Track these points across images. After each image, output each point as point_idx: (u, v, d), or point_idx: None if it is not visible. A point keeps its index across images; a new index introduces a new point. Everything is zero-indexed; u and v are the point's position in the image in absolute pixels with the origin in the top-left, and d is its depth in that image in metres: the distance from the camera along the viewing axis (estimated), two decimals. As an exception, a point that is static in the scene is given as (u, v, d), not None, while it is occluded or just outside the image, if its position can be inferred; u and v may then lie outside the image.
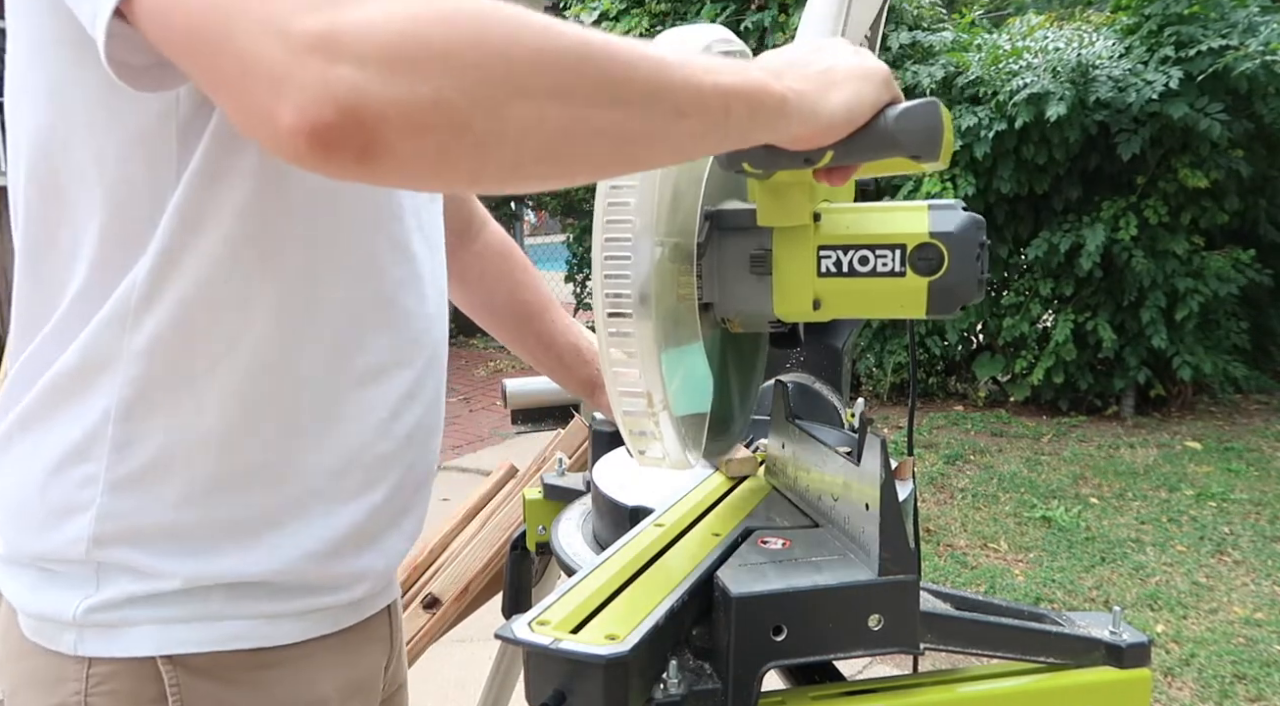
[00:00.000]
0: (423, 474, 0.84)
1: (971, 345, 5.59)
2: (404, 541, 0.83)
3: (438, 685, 2.59)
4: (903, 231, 0.68)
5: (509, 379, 1.44)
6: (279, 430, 0.72)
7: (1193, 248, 4.86)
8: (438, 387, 0.85)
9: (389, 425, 0.78)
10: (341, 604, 0.78)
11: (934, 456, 4.56)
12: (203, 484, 0.70)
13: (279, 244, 0.68)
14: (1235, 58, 4.35)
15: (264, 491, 0.72)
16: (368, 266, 0.74)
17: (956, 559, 3.43)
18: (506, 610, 1.16)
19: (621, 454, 0.99)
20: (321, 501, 0.74)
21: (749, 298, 0.73)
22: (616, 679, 0.54)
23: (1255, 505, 3.89)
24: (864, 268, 0.69)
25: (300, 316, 0.71)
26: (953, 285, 0.67)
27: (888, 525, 0.63)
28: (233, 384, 0.69)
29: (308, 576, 0.74)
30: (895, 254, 0.68)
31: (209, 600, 0.71)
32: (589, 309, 7.51)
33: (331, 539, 0.75)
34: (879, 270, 0.69)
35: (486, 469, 4.38)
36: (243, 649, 0.72)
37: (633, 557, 0.68)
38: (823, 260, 0.70)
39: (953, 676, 0.69)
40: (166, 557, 0.69)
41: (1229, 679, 2.61)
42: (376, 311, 0.76)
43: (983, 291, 0.71)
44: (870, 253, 0.69)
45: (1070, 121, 4.65)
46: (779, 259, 0.71)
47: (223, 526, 0.71)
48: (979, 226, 0.68)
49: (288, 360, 0.71)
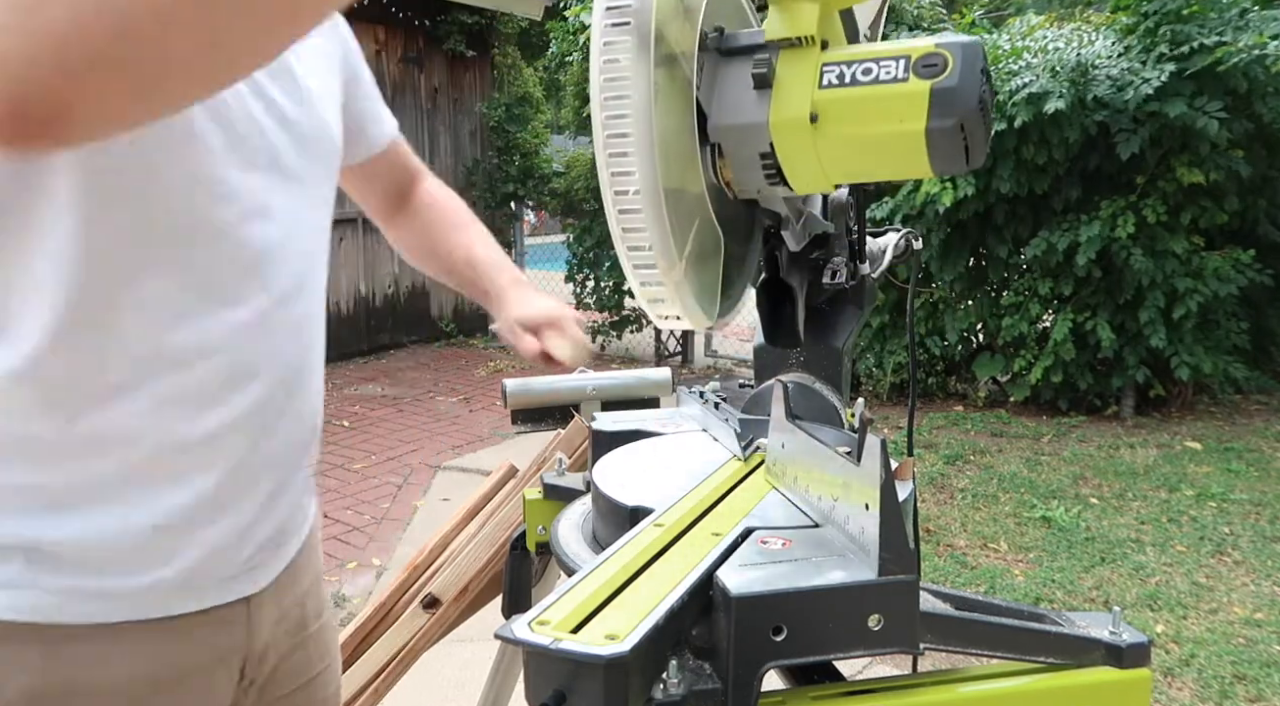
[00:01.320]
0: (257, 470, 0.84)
1: (971, 345, 5.59)
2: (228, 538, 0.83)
3: (438, 685, 2.59)
4: (909, 45, 0.68)
5: (509, 379, 1.44)
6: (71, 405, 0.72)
7: (1192, 247, 4.86)
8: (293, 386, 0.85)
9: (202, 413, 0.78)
10: (142, 589, 0.78)
11: (934, 456, 4.56)
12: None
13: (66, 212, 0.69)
14: (1226, 53, 4.35)
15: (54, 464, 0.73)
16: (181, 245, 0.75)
17: (956, 559, 3.43)
18: (506, 610, 1.16)
19: (621, 454, 0.99)
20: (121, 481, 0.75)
21: (746, 109, 0.72)
22: (616, 679, 0.53)
23: (1255, 505, 3.89)
24: (866, 77, 0.68)
25: (99, 297, 0.71)
26: (956, 90, 0.66)
27: (888, 525, 0.63)
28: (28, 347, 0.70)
29: (104, 555, 0.75)
30: (899, 63, 0.68)
31: (10, 563, 0.72)
32: (589, 309, 7.51)
33: (137, 523, 0.76)
34: (881, 78, 0.68)
35: (486, 469, 4.38)
36: (35, 622, 0.73)
37: (633, 557, 0.68)
38: (825, 74, 0.69)
39: (953, 676, 0.69)
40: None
41: (1229, 679, 2.61)
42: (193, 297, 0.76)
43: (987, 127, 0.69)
44: (874, 64, 0.68)
45: (1070, 121, 4.65)
46: (781, 73, 0.70)
47: (18, 491, 0.72)
48: (983, 50, 0.68)
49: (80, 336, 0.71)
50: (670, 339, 7.24)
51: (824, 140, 0.70)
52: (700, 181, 0.74)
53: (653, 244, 0.68)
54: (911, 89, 0.67)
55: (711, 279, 0.77)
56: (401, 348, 7.85)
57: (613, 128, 0.66)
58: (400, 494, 4.31)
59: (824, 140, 0.70)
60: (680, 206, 0.70)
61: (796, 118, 0.69)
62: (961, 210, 5.00)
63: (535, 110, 8.50)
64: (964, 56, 0.67)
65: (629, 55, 0.65)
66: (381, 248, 7.67)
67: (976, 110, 0.67)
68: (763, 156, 0.74)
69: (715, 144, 0.75)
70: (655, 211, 0.67)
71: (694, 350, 7.26)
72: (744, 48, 0.73)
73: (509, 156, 8.26)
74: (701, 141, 0.74)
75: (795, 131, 0.70)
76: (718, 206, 0.76)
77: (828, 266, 0.92)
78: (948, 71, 0.66)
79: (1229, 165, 4.72)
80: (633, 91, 0.65)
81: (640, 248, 0.69)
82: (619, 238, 0.69)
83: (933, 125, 0.67)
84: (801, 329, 0.90)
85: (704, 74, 0.73)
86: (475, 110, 8.33)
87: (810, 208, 0.89)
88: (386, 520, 3.99)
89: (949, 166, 0.70)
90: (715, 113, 0.73)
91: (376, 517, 4.02)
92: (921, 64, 0.67)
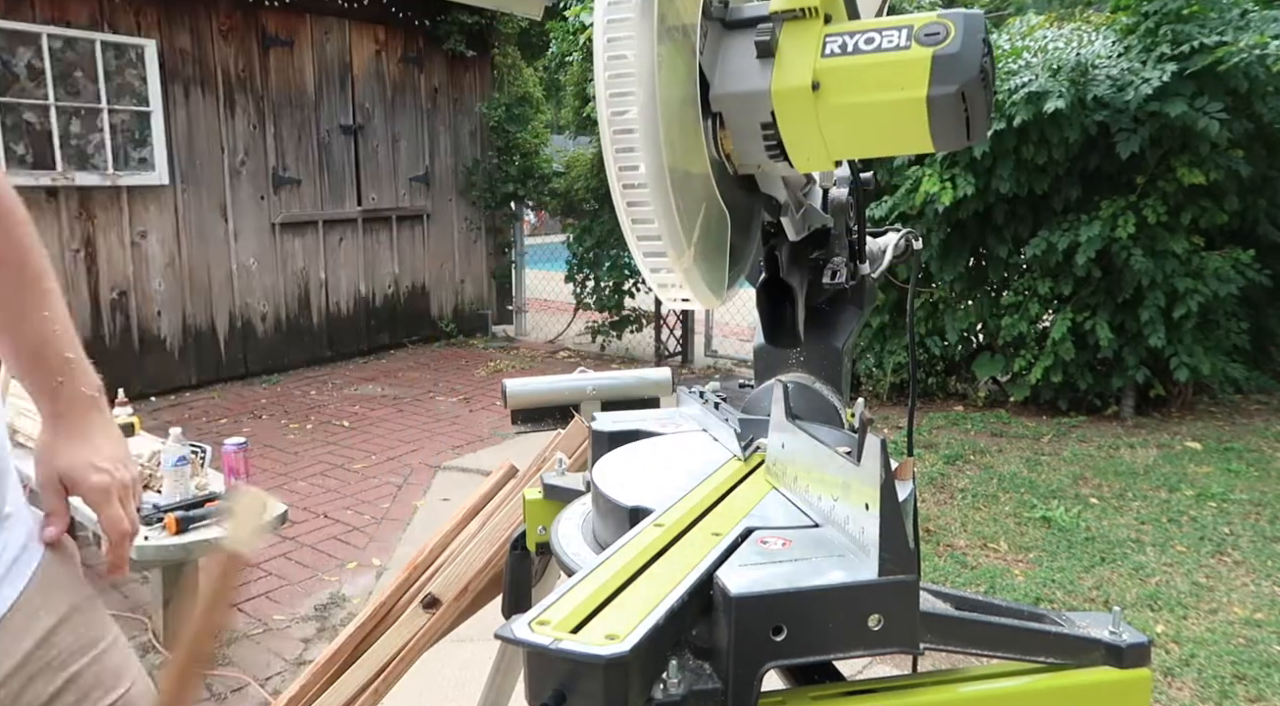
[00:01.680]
0: None
1: (971, 345, 5.59)
2: None
3: (438, 685, 2.59)
4: (912, 17, 0.69)
5: (509, 379, 1.45)
6: None
7: (1192, 248, 4.86)
8: None
9: None
10: None
11: (934, 456, 4.56)
12: None
13: None
14: (1227, 52, 4.35)
15: None
16: None
17: (956, 559, 3.43)
18: (506, 610, 1.16)
19: (621, 454, 0.99)
20: None
21: (749, 77, 0.72)
22: (616, 679, 0.53)
23: (1255, 505, 3.89)
24: (868, 46, 0.69)
25: None
26: (957, 57, 0.67)
27: (888, 525, 0.63)
28: None
29: None
30: (902, 32, 0.69)
31: None
32: (589, 309, 7.51)
33: None
34: (883, 46, 0.68)
35: (487, 469, 4.38)
36: None
37: (633, 557, 0.68)
38: (828, 43, 0.70)
39: (953, 676, 0.69)
40: None
41: (1229, 679, 2.61)
42: None
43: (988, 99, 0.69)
44: (877, 33, 0.69)
45: (1070, 121, 4.65)
46: (784, 42, 0.71)
47: None
48: (985, 21, 0.69)
49: None
50: (670, 339, 7.24)
51: (825, 109, 0.70)
52: (704, 160, 0.74)
53: (662, 234, 0.69)
54: (913, 56, 0.67)
55: (719, 259, 0.77)
56: (401, 347, 7.85)
57: (617, 105, 0.66)
58: (400, 494, 4.31)
59: (825, 109, 0.70)
60: (687, 191, 0.71)
61: (798, 85, 0.70)
62: (961, 210, 5.00)
63: (535, 110, 8.50)
64: (966, 25, 0.67)
65: (632, 32, 0.66)
66: (381, 247, 7.68)
67: (978, 78, 0.67)
68: (764, 127, 0.74)
69: (717, 113, 0.75)
70: (663, 201, 0.68)
71: (694, 350, 7.26)
72: (748, 19, 0.74)
73: (509, 156, 8.26)
74: (704, 112, 0.74)
75: (797, 99, 0.70)
76: (721, 187, 0.77)
77: (828, 266, 0.92)
78: (949, 39, 0.67)
79: (1229, 165, 4.73)
80: (636, 68, 0.65)
81: (651, 237, 0.70)
82: (628, 227, 0.70)
83: (934, 92, 0.67)
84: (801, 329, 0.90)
85: (707, 43, 0.74)
86: (475, 110, 8.33)
87: (810, 201, 0.90)
88: (386, 520, 3.99)
89: (950, 140, 0.70)
90: (718, 81, 0.74)
91: (376, 517, 4.02)
92: (924, 33, 0.68)
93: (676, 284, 0.72)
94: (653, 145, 0.67)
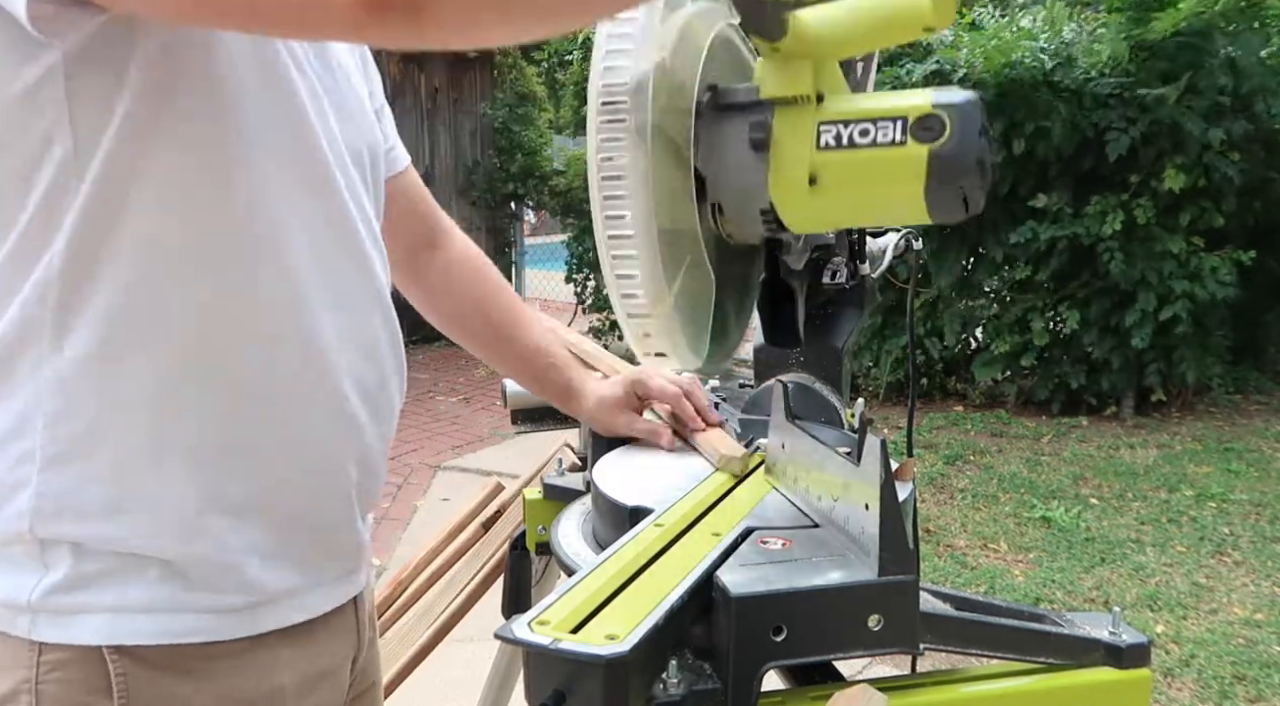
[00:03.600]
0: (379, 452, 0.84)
1: (970, 345, 5.59)
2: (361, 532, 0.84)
3: (438, 685, 2.59)
4: (906, 104, 0.68)
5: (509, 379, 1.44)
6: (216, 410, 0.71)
7: (1190, 249, 4.85)
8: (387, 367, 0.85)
9: (342, 408, 0.77)
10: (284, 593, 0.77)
11: (934, 456, 4.56)
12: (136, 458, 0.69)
13: (215, 216, 0.68)
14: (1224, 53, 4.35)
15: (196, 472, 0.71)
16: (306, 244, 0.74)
17: (956, 559, 3.43)
18: (506, 610, 1.16)
19: (621, 454, 0.99)
20: None
21: (745, 173, 0.72)
22: (616, 679, 0.54)
23: (1255, 505, 3.89)
24: (864, 139, 0.68)
25: (239, 291, 0.71)
26: (954, 154, 0.66)
27: (888, 525, 0.63)
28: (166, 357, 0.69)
29: None
30: (897, 124, 0.68)
31: (162, 587, 0.70)
32: (589, 311, 7.51)
33: None
34: (879, 141, 0.68)
35: (487, 469, 4.38)
36: (193, 643, 0.72)
37: (633, 557, 0.68)
38: (823, 134, 0.69)
39: (952, 676, 0.69)
40: (105, 533, 0.69)
41: (1229, 679, 2.61)
42: (321, 290, 0.75)
43: (986, 182, 0.69)
44: (871, 125, 0.68)
45: (1061, 120, 4.64)
46: (778, 133, 0.70)
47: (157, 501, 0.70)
48: (982, 105, 0.68)
49: (225, 336, 0.71)
50: (670, 339, 7.24)
51: (823, 196, 0.70)
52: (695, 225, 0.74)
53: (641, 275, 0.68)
54: (910, 153, 0.67)
55: (702, 320, 0.76)
56: (401, 347, 7.84)
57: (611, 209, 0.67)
58: (400, 494, 4.31)
59: (823, 196, 0.70)
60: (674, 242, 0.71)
61: (795, 180, 0.70)
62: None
63: (539, 109, 8.50)
64: (961, 118, 0.66)
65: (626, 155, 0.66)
66: (381, 248, 7.66)
67: (975, 172, 0.67)
68: (763, 213, 0.74)
69: (715, 202, 0.75)
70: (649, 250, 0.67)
71: (694, 350, 7.25)
72: (739, 105, 0.73)
73: (510, 156, 8.26)
74: (700, 197, 0.74)
75: (795, 192, 0.70)
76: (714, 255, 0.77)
77: (828, 266, 0.92)
78: (945, 136, 0.66)
79: (1225, 166, 4.72)
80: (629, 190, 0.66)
81: (629, 276, 0.69)
82: (609, 267, 0.69)
83: (932, 186, 0.67)
84: (802, 329, 0.91)
85: (700, 135, 0.73)
86: (476, 110, 8.32)
87: None
88: (386, 520, 3.99)
89: (948, 216, 0.70)
90: (714, 175, 0.74)
91: (377, 517, 4.01)
92: (919, 127, 0.66)
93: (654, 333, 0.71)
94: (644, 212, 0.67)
